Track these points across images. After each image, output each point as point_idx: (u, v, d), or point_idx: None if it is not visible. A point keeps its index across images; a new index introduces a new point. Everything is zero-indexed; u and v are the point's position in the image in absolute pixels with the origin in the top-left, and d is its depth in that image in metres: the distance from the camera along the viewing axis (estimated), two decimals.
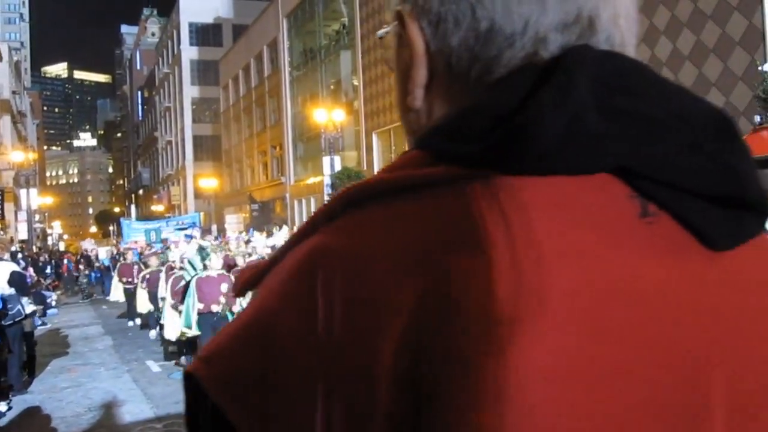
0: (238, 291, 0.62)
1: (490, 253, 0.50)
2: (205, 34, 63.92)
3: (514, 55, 0.59)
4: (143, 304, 16.39)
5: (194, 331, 10.61)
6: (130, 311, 18.38)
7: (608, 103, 0.54)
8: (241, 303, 9.79)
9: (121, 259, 23.55)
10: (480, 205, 0.53)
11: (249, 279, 0.61)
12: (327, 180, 28.81)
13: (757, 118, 7.86)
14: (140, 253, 20.71)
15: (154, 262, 16.57)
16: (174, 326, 11.54)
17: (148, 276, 16.17)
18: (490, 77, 0.60)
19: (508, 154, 0.53)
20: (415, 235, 0.53)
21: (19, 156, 44.14)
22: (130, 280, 18.72)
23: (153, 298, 15.22)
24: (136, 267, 18.89)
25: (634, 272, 0.52)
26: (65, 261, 35.98)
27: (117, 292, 20.51)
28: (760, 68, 9.83)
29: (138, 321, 17.75)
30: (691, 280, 0.54)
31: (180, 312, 11.02)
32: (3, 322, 9.91)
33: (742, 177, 0.56)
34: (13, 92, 57.36)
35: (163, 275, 13.98)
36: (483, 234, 0.51)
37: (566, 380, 0.48)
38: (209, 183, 55.82)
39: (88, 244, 39.35)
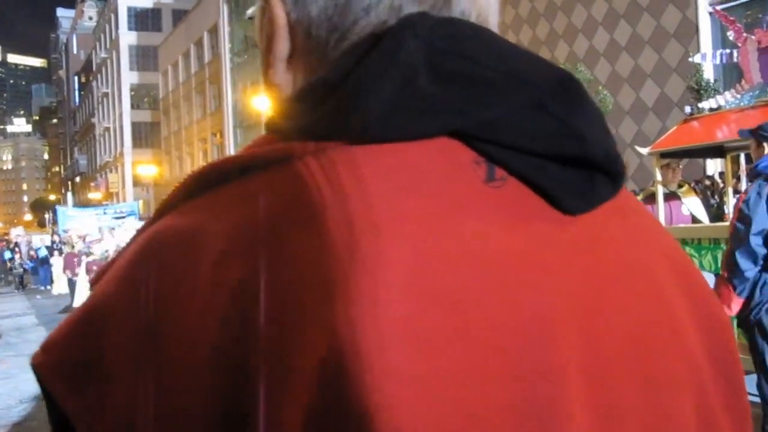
0: (91, 283, 0.60)
1: (321, 225, 0.49)
2: (144, 19, 62.86)
3: (368, 23, 0.58)
4: (83, 297, 15.77)
5: None
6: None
7: (441, 67, 0.53)
8: None
9: (64, 248, 22.65)
10: (312, 179, 0.51)
11: (100, 270, 0.60)
12: None
13: (688, 109, 8.02)
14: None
15: (97, 250, 15.95)
16: None
17: (94, 266, 15.32)
18: (343, 46, 0.59)
19: (338, 124, 0.52)
20: (250, 214, 0.51)
21: None
22: (76, 271, 17.62)
23: None
24: (83, 257, 17.68)
25: (478, 237, 0.51)
26: None
27: (60, 284, 19.82)
28: (691, 60, 10.04)
29: None
30: (541, 243, 0.53)
31: None
32: None
33: (588, 138, 0.54)
34: None
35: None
36: (314, 208, 0.50)
37: (405, 347, 0.46)
38: (148, 170, 55.02)
39: (17, 232, 38.41)
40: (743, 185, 7.67)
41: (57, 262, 22.99)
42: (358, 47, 0.56)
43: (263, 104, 28.69)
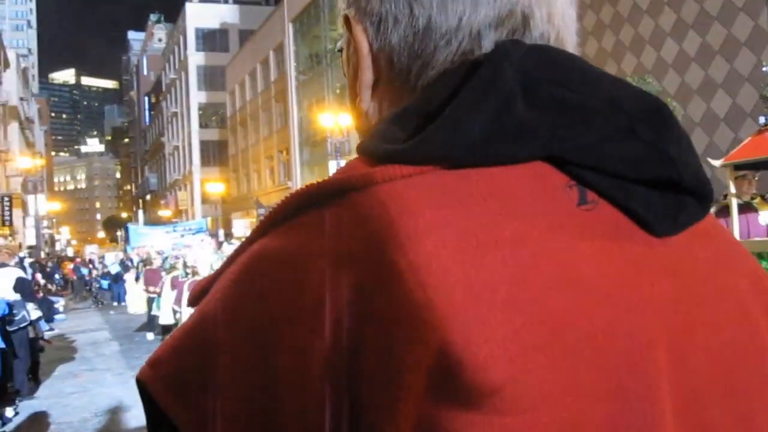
0: (190, 301, 0.62)
1: (420, 247, 0.50)
2: (212, 40, 64.14)
3: (451, 52, 0.60)
4: (167, 316, 14.46)
5: None
6: (151, 322, 16.44)
7: (536, 93, 0.55)
8: None
9: (140, 266, 21.80)
10: (411, 203, 0.53)
11: (199, 288, 0.62)
12: None
13: (762, 120, 7.82)
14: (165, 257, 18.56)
15: (179, 266, 15.02)
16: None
17: (182, 283, 13.77)
18: (429, 75, 0.61)
19: (437, 147, 0.54)
20: (350, 234, 0.53)
21: (26, 162, 44.38)
22: (155, 289, 16.28)
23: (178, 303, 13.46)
24: (163, 273, 16.54)
25: (573, 258, 0.52)
26: (71, 266, 36.11)
27: (137, 302, 19.33)
28: (765, 68, 9.79)
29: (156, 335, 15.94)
30: (631, 265, 0.54)
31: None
32: (9, 328, 9.94)
33: (676, 162, 0.55)
34: (21, 99, 57.70)
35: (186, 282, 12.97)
36: (412, 231, 0.51)
37: (510, 367, 0.48)
38: (216, 188, 55.98)
39: (91, 249, 39.35)
40: None
41: (130, 278, 23.29)
42: (453, 75, 0.58)
43: (328, 121, 28.99)
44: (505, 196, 0.53)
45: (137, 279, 20.99)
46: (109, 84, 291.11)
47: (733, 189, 7.24)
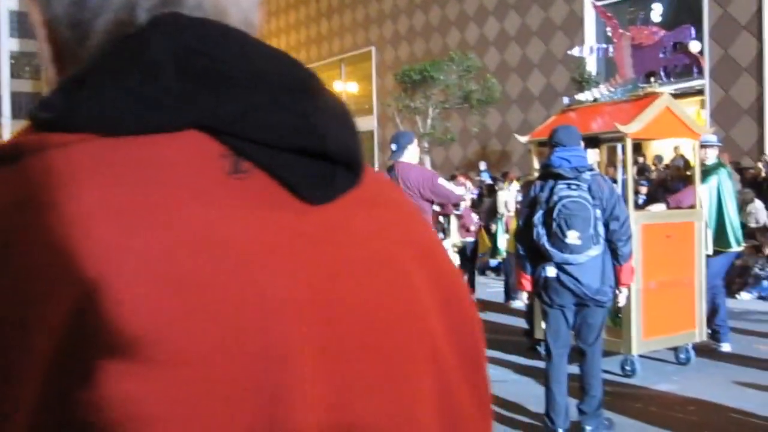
0: None
1: (62, 212, 0.51)
2: None
3: (107, 21, 0.60)
4: None
5: None
6: None
7: (187, 64, 0.56)
8: None
9: None
10: (55, 169, 0.53)
11: None
12: None
13: (566, 100, 8.30)
14: None
15: None
16: None
17: None
18: (89, 45, 0.61)
19: (82, 117, 0.55)
20: (2, 199, 0.54)
21: None
22: None
23: None
24: None
25: (214, 225, 0.54)
26: None
27: None
28: (568, 52, 10.35)
29: None
30: (280, 231, 0.56)
31: None
32: None
33: (325, 133, 0.58)
34: None
35: None
36: (56, 196, 0.52)
37: (152, 324, 0.49)
38: None
39: None
40: (619, 175, 8.00)
41: None
42: (105, 45, 0.59)
43: None
44: (154, 165, 0.54)
45: None
46: None
47: (536, 165, 7.65)
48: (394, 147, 7.04)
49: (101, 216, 0.51)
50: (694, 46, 7.44)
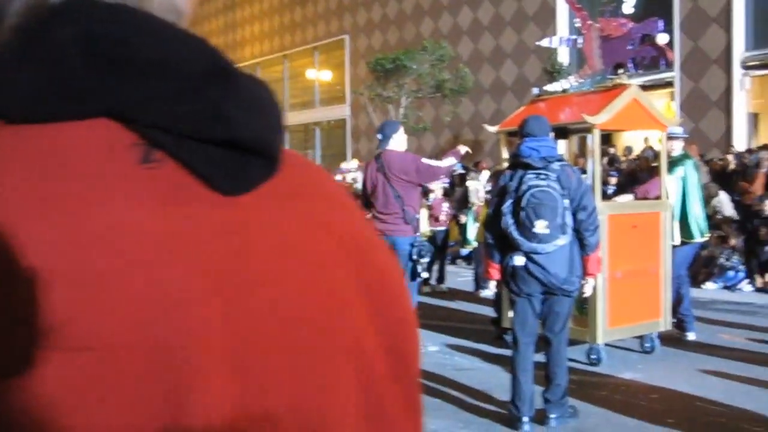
0: None
1: None
2: None
3: (20, 3, 0.57)
4: None
5: None
6: None
7: (96, 51, 0.54)
8: None
9: None
10: None
11: None
12: None
13: (535, 90, 8.34)
14: None
15: None
16: None
17: None
18: (6, 24, 0.58)
19: None
20: None
21: None
22: None
23: None
24: None
25: (119, 217, 0.52)
26: None
27: None
28: (537, 43, 10.38)
29: None
30: (189, 222, 0.55)
31: None
32: None
33: (236, 122, 0.56)
34: None
35: None
36: None
37: (67, 312, 0.49)
38: None
39: None
40: (588, 165, 8.06)
41: None
42: (10, 31, 0.56)
43: None
44: (60, 154, 0.53)
45: None
46: None
47: (505, 155, 7.69)
48: (380, 137, 7.04)
49: (11, 206, 0.50)
50: (661, 39, 7.50)
